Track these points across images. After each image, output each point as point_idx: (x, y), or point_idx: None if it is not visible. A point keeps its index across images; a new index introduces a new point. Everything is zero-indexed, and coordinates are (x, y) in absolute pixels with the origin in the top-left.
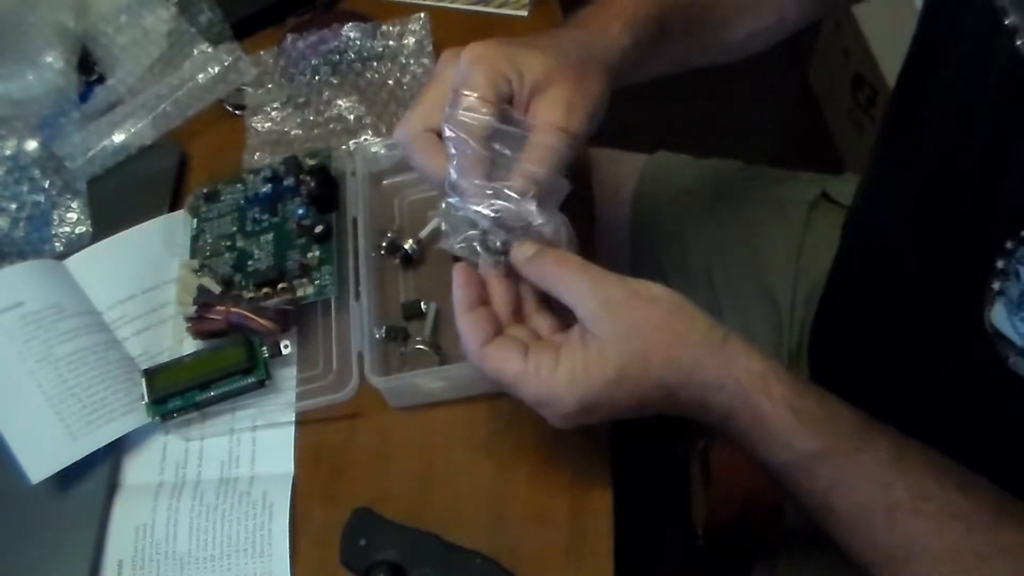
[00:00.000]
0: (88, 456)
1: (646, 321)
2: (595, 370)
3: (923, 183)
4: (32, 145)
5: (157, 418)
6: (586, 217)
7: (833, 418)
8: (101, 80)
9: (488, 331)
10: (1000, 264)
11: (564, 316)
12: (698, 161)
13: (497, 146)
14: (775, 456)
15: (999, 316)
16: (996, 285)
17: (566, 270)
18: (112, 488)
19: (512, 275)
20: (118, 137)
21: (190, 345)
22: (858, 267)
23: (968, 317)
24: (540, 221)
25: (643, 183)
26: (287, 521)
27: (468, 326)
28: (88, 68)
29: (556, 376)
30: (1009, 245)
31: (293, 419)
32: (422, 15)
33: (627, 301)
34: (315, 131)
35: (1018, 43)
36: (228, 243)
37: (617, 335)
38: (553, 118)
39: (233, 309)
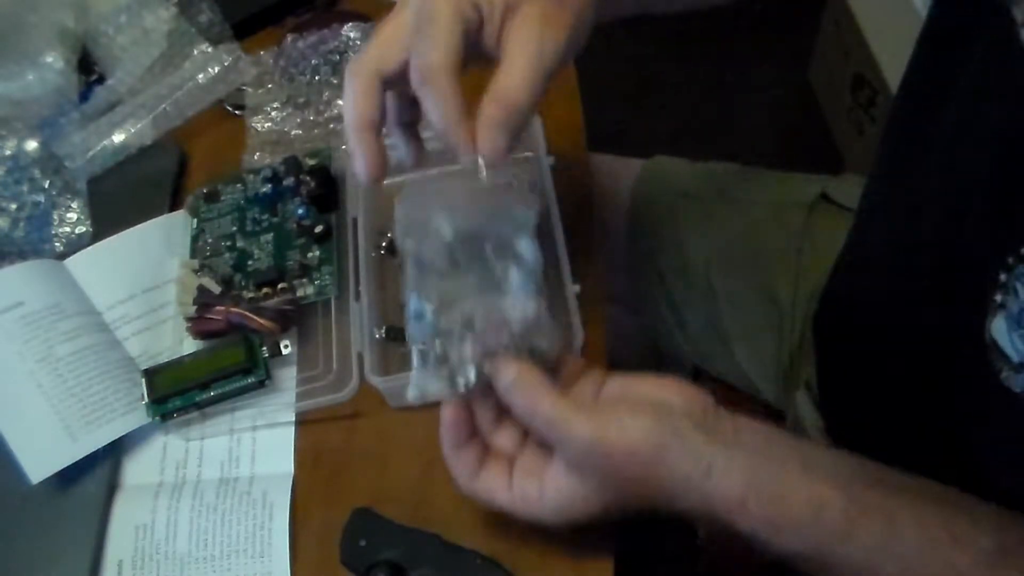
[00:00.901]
0: (88, 456)
1: (625, 473)
2: (579, 503)
3: (932, 188)
4: (32, 145)
5: (157, 418)
6: (584, 225)
7: (818, 516)
8: (101, 80)
9: (474, 466)
10: (1003, 278)
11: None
12: (695, 164)
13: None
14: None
15: (999, 329)
16: (998, 297)
17: (545, 406)
18: (112, 488)
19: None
20: (118, 137)
21: (190, 345)
22: (860, 269)
23: (968, 326)
24: (543, 344)
25: (640, 188)
26: (287, 521)
27: (457, 465)
28: (88, 68)
29: (543, 505)
30: (1011, 260)
31: (293, 419)
32: None
33: (605, 456)
34: (315, 131)
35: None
36: (228, 243)
37: (597, 483)
38: (522, 55)
39: (233, 309)
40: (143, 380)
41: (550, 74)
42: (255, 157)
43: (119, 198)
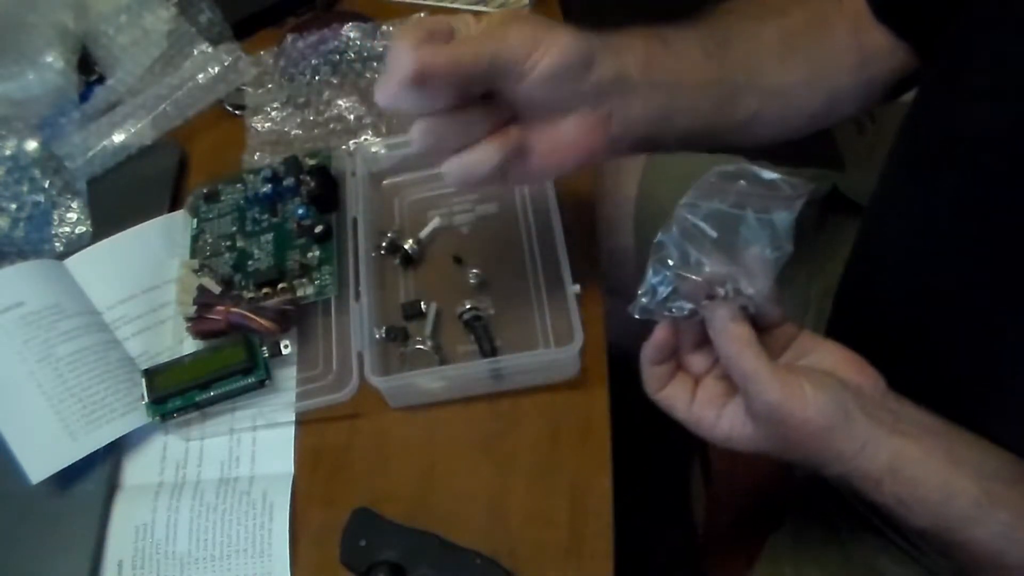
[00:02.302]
0: (88, 456)
1: (793, 435)
2: (745, 442)
3: (951, 181)
4: (32, 145)
5: (157, 418)
6: (585, 225)
7: (948, 501)
8: (101, 80)
9: (664, 380)
10: None
11: None
12: (702, 156)
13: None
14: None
15: None
16: None
17: (747, 361)
18: (112, 488)
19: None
20: (118, 137)
21: (190, 345)
22: (876, 267)
23: (1015, 322)
24: (751, 292)
25: (646, 181)
26: (287, 521)
27: (650, 375)
28: (88, 68)
29: (713, 432)
30: None
31: (293, 419)
32: (422, 15)
33: (783, 418)
34: (315, 131)
35: None
36: (228, 243)
37: (766, 433)
38: (509, 40)
39: (233, 309)
40: (143, 380)
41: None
42: (255, 157)
43: (119, 198)
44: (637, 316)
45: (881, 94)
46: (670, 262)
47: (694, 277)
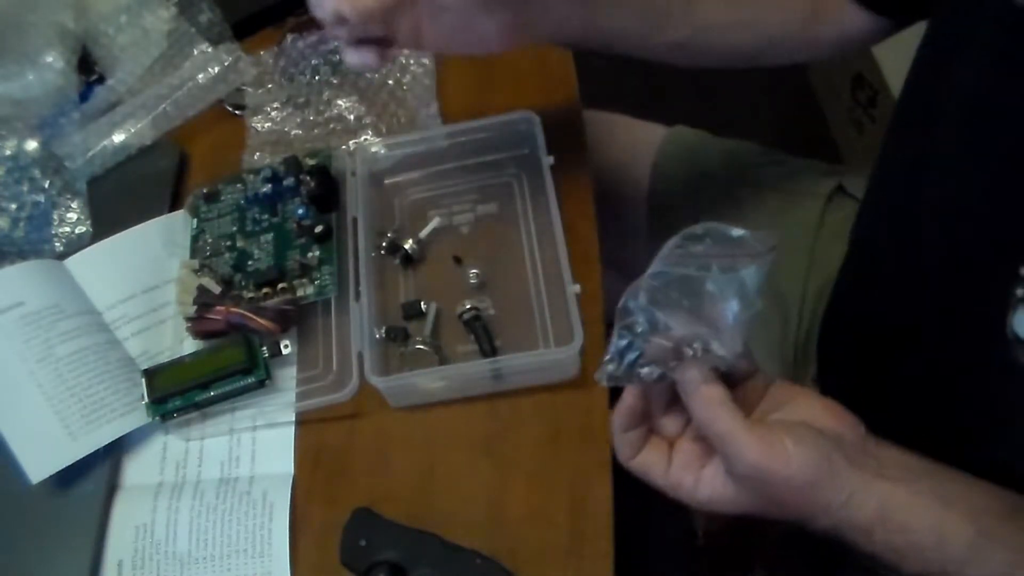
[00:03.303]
0: (88, 456)
1: (777, 492)
2: (727, 504)
3: (941, 185)
4: (32, 145)
5: (157, 418)
6: (585, 225)
7: (941, 544)
8: (101, 80)
9: (638, 446)
10: (1023, 271)
11: None
12: (716, 140)
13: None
14: None
15: (1020, 322)
16: (1020, 292)
17: (722, 422)
18: (112, 488)
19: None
20: (118, 137)
21: (190, 345)
22: (868, 268)
23: (988, 321)
24: (723, 352)
25: (662, 159)
26: (287, 521)
27: (622, 443)
28: (88, 68)
29: (693, 496)
30: None
31: (293, 419)
32: None
33: (765, 478)
34: (315, 131)
35: None
36: (228, 243)
37: (749, 494)
38: None
39: (233, 309)
40: (143, 380)
41: None
42: (255, 157)
43: (119, 198)
44: (604, 384)
45: (827, 51)
46: (637, 328)
47: (663, 341)
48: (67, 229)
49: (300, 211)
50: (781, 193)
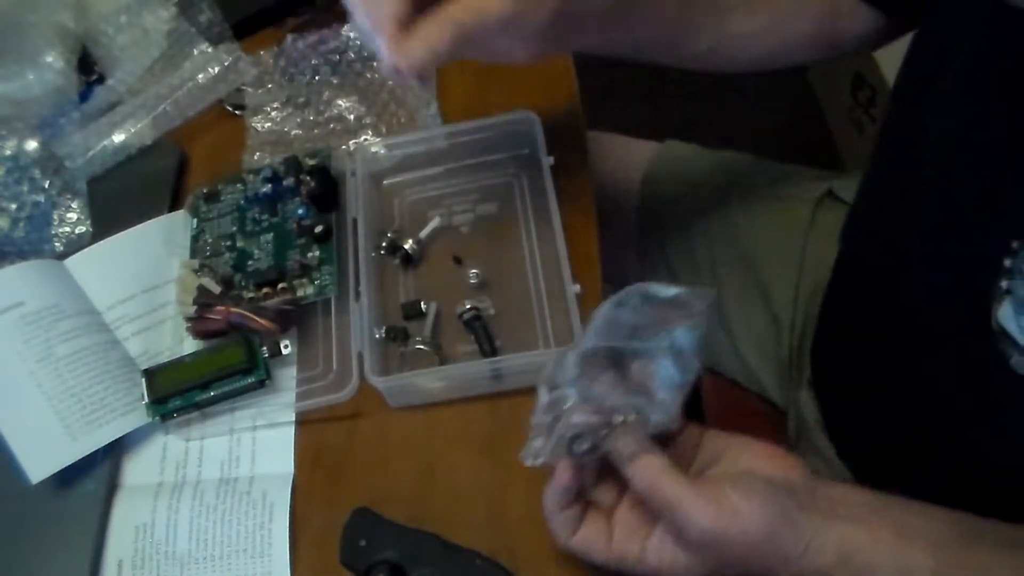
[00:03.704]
0: (88, 456)
1: (733, 551)
2: (680, 571)
3: (927, 181)
4: (32, 145)
5: (157, 418)
6: (585, 225)
7: None
8: (101, 80)
9: (575, 525)
10: (1008, 263)
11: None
12: (708, 152)
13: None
14: None
15: (1006, 315)
16: (1004, 284)
17: (667, 489)
18: (112, 488)
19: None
20: (118, 137)
21: (190, 345)
22: (859, 267)
23: (974, 315)
24: (657, 418)
25: (653, 171)
26: (287, 521)
27: (557, 523)
28: (88, 68)
29: (642, 567)
30: (1015, 245)
31: (293, 419)
32: None
33: (718, 539)
34: (315, 131)
35: None
36: (228, 243)
37: (702, 558)
38: None
39: (233, 309)
40: (143, 380)
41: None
42: (255, 157)
43: (119, 198)
44: (531, 464)
45: (843, 50)
46: (566, 402)
47: (592, 412)
48: (67, 229)
49: (300, 211)
50: (770, 199)
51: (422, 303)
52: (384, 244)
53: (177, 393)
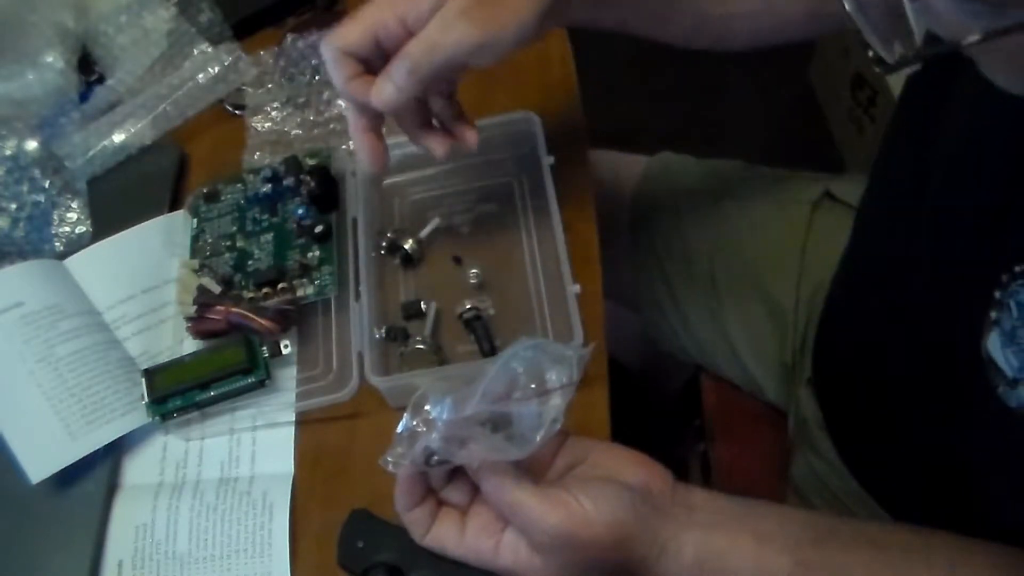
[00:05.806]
0: (88, 456)
1: (587, 554)
2: (536, 572)
3: (928, 204)
4: (32, 145)
5: (157, 418)
6: (584, 225)
7: None
8: (101, 80)
9: (428, 522)
10: (997, 295)
11: None
12: (700, 161)
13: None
14: None
15: (994, 345)
16: (993, 315)
17: (508, 492)
18: (112, 488)
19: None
20: (118, 137)
21: (190, 345)
22: (862, 274)
23: (967, 342)
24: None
25: (645, 184)
26: (287, 521)
27: (411, 521)
28: (88, 68)
29: (496, 562)
30: (1004, 278)
31: (293, 419)
32: None
33: (568, 541)
34: (315, 131)
35: None
36: (228, 243)
37: (557, 560)
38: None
39: (233, 309)
40: (143, 380)
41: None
42: (255, 157)
43: (119, 198)
44: (390, 469)
45: (836, 27)
46: (431, 436)
47: (451, 445)
48: (67, 229)
49: (300, 211)
50: (767, 202)
51: (422, 303)
52: (384, 244)
53: (177, 393)
